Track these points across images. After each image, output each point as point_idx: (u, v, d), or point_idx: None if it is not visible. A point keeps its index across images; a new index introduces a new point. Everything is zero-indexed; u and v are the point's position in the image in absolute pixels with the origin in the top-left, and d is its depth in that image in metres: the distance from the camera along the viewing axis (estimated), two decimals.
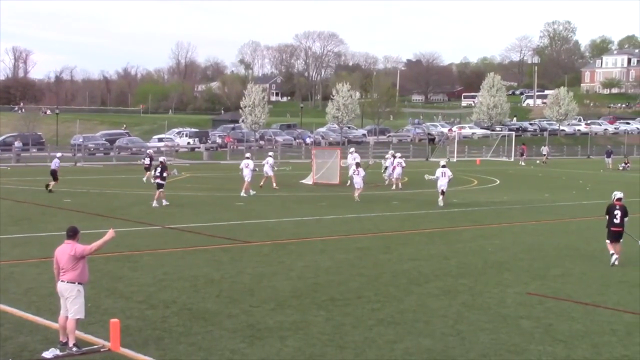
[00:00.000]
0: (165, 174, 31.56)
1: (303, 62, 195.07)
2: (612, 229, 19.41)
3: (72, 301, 11.45)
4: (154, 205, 30.57)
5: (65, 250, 11.57)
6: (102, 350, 11.50)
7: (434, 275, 17.80)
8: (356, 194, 34.96)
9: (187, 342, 12.06)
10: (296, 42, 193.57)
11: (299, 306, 14.46)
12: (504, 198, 37.44)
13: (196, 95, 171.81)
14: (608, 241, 19.61)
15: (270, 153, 43.48)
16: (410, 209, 31.78)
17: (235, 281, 16.66)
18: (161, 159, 33.98)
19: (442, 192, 33.37)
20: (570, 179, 52.34)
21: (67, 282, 11.49)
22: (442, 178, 33.39)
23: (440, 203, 33.09)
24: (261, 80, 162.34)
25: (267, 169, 40.22)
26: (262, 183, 39.31)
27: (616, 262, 19.30)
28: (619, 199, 19.61)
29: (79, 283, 11.54)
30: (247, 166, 36.75)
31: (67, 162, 59.09)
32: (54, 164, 36.67)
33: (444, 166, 34.25)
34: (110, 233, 11.73)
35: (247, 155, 38.59)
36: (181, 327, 12.92)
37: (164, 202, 31.05)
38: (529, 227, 27.38)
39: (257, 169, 38.29)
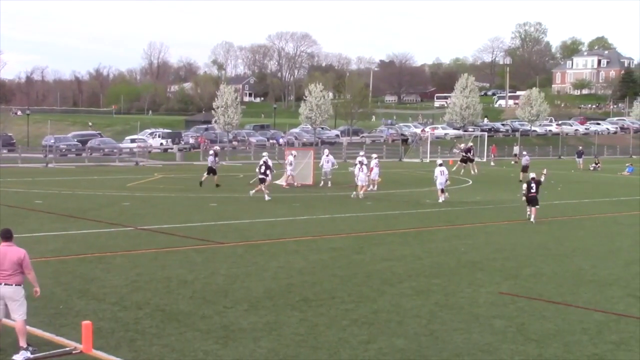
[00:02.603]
0: (268, 172, 35.49)
1: (276, 63, 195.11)
2: (530, 195, 28.36)
3: (19, 305, 11.31)
4: (251, 194, 35.14)
5: (7, 253, 11.37)
6: (74, 352, 11.41)
7: (407, 276, 17.86)
8: (359, 190, 36.06)
9: (160, 343, 12.01)
10: (269, 42, 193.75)
11: (272, 307, 14.45)
12: (477, 198, 37.64)
13: (169, 96, 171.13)
14: (528, 205, 28.56)
15: (294, 152, 43.93)
16: (383, 210, 31.85)
17: (209, 282, 16.61)
18: (265, 158, 36.66)
19: (442, 191, 35.10)
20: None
21: (15, 285, 11.34)
22: (441, 176, 34.99)
23: (440, 200, 34.74)
24: (234, 81, 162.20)
25: (289, 169, 41.97)
26: (286, 183, 41.32)
27: (533, 220, 27.95)
28: (533, 178, 28.82)
29: (22, 285, 11.49)
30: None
31: (38, 163, 58.68)
32: (210, 161, 41.32)
33: (440, 165, 35.75)
34: (37, 291, 11.78)
35: (264, 154, 39.31)
36: (154, 328, 12.86)
37: (267, 197, 34.15)
38: (501, 227, 27.56)
39: (274, 170, 39.47)
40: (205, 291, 15.71)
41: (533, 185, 28.25)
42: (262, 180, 35.04)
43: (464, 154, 48.69)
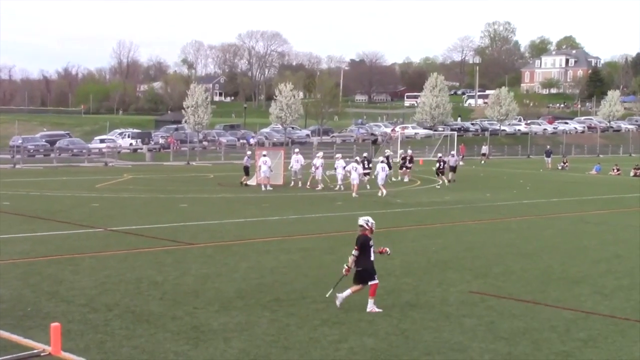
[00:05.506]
0: (368, 170, 40.83)
1: (246, 62, 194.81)
2: (440, 169, 44.50)
3: None
4: (380, 194, 36.91)
5: None
6: (42, 354, 11.31)
7: (378, 275, 17.84)
8: (354, 189, 37.12)
9: (130, 345, 11.94)
10: (239, 41, 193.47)
11: (243, 307, 14.42)
12: (447, 198, 37.81)
13: (138, 96, 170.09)
14: (439, 176, 44.13)
15: (297, 151, 43.76)
16: (353, 210, 31.83)
17: (179, 283, 16.54)
18: (364, 154, 44.10)
19: (383, 185, 37.24)
20: (511, 179, 53.11)
21: None
22: (382, 172, 37.17)
23: (380, 194, 36.63)
24: (204, 80, 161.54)
25: (310, 169, 42.45)
26: (308, 184, 41.43)
27: (447, 183, 42.42)
28: (440, 157, 45.86)
29: None
30: (265, 163, 39.40)
31: (5, 164, 58.06)
32: (246, 160, 43.04)
33: (382, 161, 38.35)
34: None
35: (264, 152, 41.00)
36: (124, 330, 12.78)
37: (384, 193, 37.24)
38: (471, 226, 27.72)
39: (272, 170, 40.37)
40: (176, 292, 15.64)
41: (441, 163, 45.35)
42: (367, 174, 40.24)
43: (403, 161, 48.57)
